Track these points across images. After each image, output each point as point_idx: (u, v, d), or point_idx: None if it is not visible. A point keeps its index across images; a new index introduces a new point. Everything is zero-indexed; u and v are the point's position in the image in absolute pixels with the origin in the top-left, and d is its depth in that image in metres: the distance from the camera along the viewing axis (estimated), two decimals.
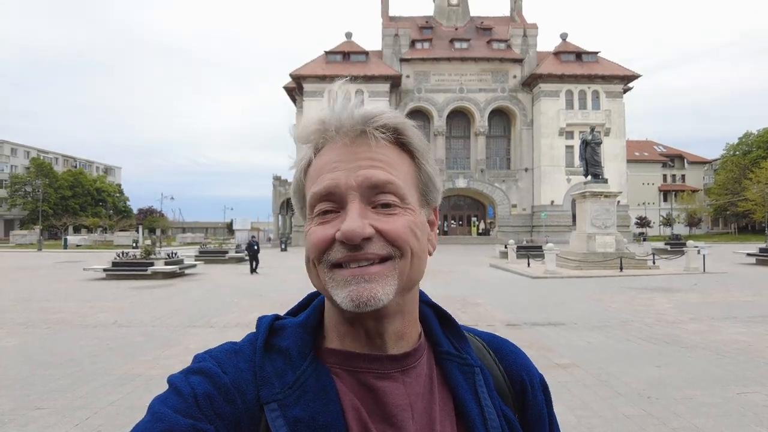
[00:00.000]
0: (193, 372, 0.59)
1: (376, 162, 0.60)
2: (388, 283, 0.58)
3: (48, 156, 74.34)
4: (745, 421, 4.15)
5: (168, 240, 56.08)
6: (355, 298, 0.56)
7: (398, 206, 0.60)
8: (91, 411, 4.47)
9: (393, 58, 47.46)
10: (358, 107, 0.62)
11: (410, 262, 0.60)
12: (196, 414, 0.55)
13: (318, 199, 0.60)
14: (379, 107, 0.63)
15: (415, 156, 0.64)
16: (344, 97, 0.63)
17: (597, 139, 20.50)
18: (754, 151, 57.96)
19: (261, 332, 0.64)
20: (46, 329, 8.25)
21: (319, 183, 0.60)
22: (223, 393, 0.57)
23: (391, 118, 0.62)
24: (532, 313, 9.63)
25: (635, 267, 18.15)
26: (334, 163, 0.60)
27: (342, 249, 0.57)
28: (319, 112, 0.64)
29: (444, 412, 0.63)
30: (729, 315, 9.11)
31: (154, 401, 0.57)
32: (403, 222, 0.59)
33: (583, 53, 47.50)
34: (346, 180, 0.59)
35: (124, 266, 17.56)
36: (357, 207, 0.58)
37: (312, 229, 0.61)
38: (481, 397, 0.64)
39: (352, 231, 0.56)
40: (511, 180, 47.21)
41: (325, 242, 0.58)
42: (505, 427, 0.64)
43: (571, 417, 4.27)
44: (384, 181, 0.59)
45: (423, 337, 0.68)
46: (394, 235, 0.58)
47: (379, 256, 0.57)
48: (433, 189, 0.66)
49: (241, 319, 9.03)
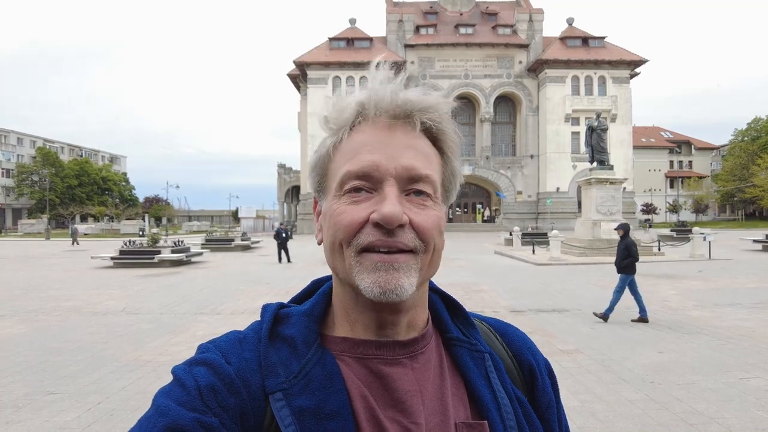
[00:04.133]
0: (197, 363, 0.58)
1: (417, 152, 0.60)
2: (412, 275, 0.57)
3: (54, 145, 74.47)
4: (746, 406, 4.19)
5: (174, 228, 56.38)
6: (382, 284, 0.56)
7: (430, 198, 0.60)
8: (103, 396, 4.57)
9: (397, 44, 47.04)
10: (402, 90, 0.60)
11: (431, 257, 0.60)
12: (200, 407, 0.54)
13: (352, 177, 0.58)
14: (429, 94, 0.61)
15: (446, 152, 0.64)
16: (385, 77, 0.62)
17: (603, 125, 20.33)
18: (763, 136, 57.25)
19: (266, 321, 0.63)
20: (57, 316, 8.38)
21: (356, 162, 0.58)
22: (227, 384, 0.56)
23: (441, 114, 0.61)
24: (536, 299, 9.67)
25: (641, 254, 18.09)
26: (372, 144, 0.59)
27: (374, 233, 0.56)
28: (357, 93, 0.61)
29: (456, 396, 0.63)
30: (733, 301, 9.11)
31: (157, 394, 0.56)
32: (434, 216, 0.59)
33: (589, 38, 46.85)
34: (386, 164, 0.58)
35: (131, 254, 17.71)
36: (396, 191, 0.57)
37: (341, 207, 0.59)
38: (492, 382, 0.65)
39: (392, 214, 0.55)
40: (517, 167, 46.96)
41: (358, 224, 0.57)
42: (518, 409, 0.64)
43: (574, 402, 4.33)
44: (423, 175, 0.59)
45: (431, 323, 0.67)
46: (423, 228, 0.58)
47: (407, 246, 0.57)
48: (454, 187, 0.66)
49: (247, 306, 9.13)
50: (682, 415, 4.01)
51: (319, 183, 0.65)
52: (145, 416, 0.55)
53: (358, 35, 46.94)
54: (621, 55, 45.64)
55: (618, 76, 45.28)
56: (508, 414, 0.63)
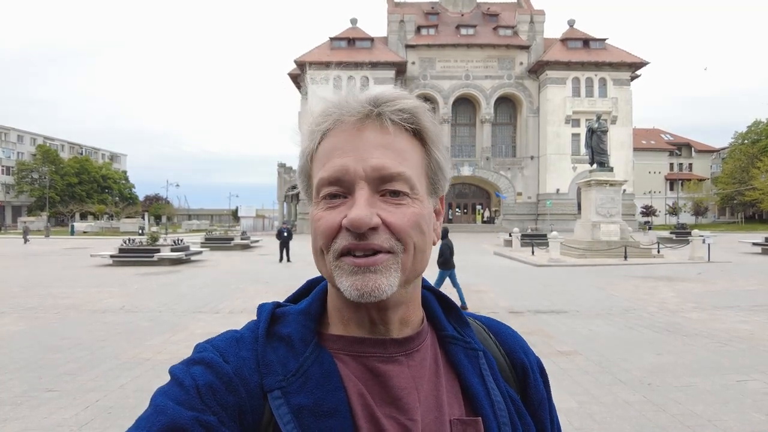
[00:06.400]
0: (195, 362, 0.58)
1: (387, 150, 0.59)
2: (391, 275, 0.57)
3: (54, 143, 74.43)
4: (743, 408, 4.20)
5: (174, 227, 56.38)
6: (359, 287, 0.56)
7: (407, 196, 0.59)
8: (101, 393, 4.57)
9: (398, 45, 47.06)
10: (365, 90, 0.61)
11: (413, 256, 0.59)
12: (198, 405, 0.54)
13: (325, 184, 0.59)
14: (393, 90, 0.62)
15: (427, 143, 0.63)
16: (349, 83, 0.63)
17: (603, 127, 20.36)
18: (763, 139, 57.26)
19: (262, 320, 0.64)
20: (56, 314, 8.38)
21: (327, 168, 0.59)
22: (225, 383, 0.56)
23: (408, 103, 0.61)
24: (535, 300, 9.68)
25: (640, 256, 18.13)
26: (342, 147, 0.59)
27: (348, 237, 0.57)
28: (323, 100, 0.63)
29: (451, 394, 0.64)
30: (732, 304, 9.12)
31: (156, 393, 0.56)
32: (410, 215, 0.59)
33: (590, 40, 46.89)
34: (355, 167, 0.58)
35: (130, 253, 17.72)
36: (365, 195, 0.57)
37: (319, 214, 0.59)
38: (486, 380, 0.65)
39: (359, 219, 0.55)
40: (517, 168, 46.98)
41: (333, 229, 0.58)
42: (511, 407, 0.65)
43: (572, 403, 4.33)
44: (394, 173, 0.58)
45: (425, 321, 0.68)
46: (399, 228, 0.58)
47: (383, 248, 0.57)
48: (441, 177, 0.65)
49: (246, 305, 9.13)
50: (680, 417, 4.02)
51: (306, 191, 0.66)
52: (143, 415, 0.55)
53: (359, 35, 46.95)
54: (622, 56, 45.69)
55: (618, 78, 45.32)
56: (502, 411, 0.64)
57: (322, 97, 0.63)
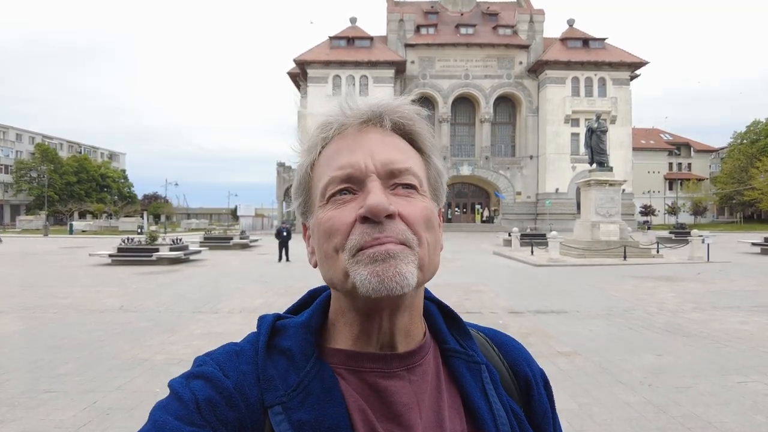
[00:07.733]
0: (194, 376, 0.58)
1: (393, 148, 0.60)
2: (410, 262, 0.56)
3: (53, 142, 74.31)
4: (744, 410, 4.19)
5: (172, 226, 56.32)
6: (380, 273, 0.54)
7: (417, 191, 0.59)
8: (100, 394, 4.54)
9: (398, 44, 47.01)
10: (365, 97, 0.62)
11: (427, 251, 0.58)
12: (197, 421, 0.53)
13: (335, 182, 0.58)
14: (394, 99, 0.62)
15: (424, 152, 0.64)
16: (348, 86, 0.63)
17: (602, 126, 20.37)
18: (762, 139, 57.35)
19: (263, 333, 0.63)
20: (54, 314, 8.36)
21: (336, 167, 0.59)
22: (225, 398, 0.56)
23: (407, 112, 0.61)
24: (534, 300, 9.67)
25: (639, 256, 18.14)
26: (349, 147, 0.59)
27: (366, 231, 0.55)
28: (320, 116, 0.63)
29: (452, 409, 0.63)
30: (732, 304, 9.11)
31: (154, 408, 0.55)
32: (422, 208, 0.59)
33: (590, 39, 46.88)
34: (366, 162, 0.58)
35: (129, 252, 17.69)
36: (379, 185, 0.57)
37: (328, 213, 0.58)
38: (488, 394, 0.64)
39: (377, 204, 0.54)
40: (516, 167, 46.98)
41: (348, 224, 0.56)
42: (514, 422, 0.64)
43: (572, 404, 4.32)
44: (403, 168, 0.59)
45: (428, 334, 0.66)
46: (413, 219, 0.57)
47: (399, 239, 0.56)
48: (441, 186, 0.66)
49: (246, 305, 9.11)
50: (680, 419, 4.00)
51: (304, 205, 0.65)
52: (141, 430, 0.54)
53: (359, 34, 46.87)
54: (621, 56, 45.69)
55: (618, 77, 45.33)
56: (504, 426, 0.63)
57: (317, 113, 0.63)
